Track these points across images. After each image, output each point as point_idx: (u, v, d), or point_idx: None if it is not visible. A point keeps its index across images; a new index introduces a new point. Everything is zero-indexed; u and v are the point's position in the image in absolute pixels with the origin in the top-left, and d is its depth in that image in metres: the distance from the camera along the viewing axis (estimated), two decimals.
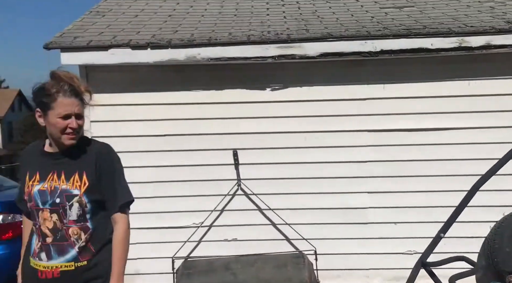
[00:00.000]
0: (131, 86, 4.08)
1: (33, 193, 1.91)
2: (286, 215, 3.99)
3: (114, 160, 2.04)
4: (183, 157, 4.08)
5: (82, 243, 1.93)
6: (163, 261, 4.02)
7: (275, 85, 4.01)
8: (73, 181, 1.92)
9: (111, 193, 1.99)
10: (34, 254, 1.94)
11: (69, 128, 1.90)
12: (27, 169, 1.98)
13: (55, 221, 1.90)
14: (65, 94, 1.88)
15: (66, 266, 1.91)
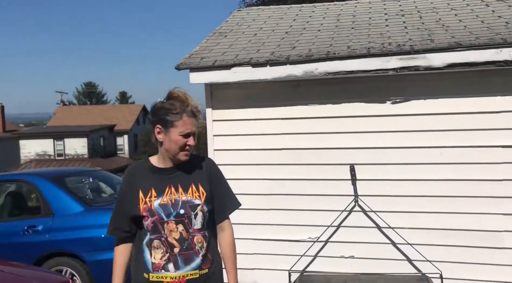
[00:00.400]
0: (249, 102, 4.25)
1: (154, 208, 2.00)
2: (408, 234, 3.79)
3: (220, 171, 2.18)
4: (300, 171, 4.11)
5: (204, 251, 2.03)
6: (280, 273, 4.07)
7: (396, 98, 3.86)
8: (192, 192, 2.03)
9: (221, 201, 2.11)
10: (157, 267, 1.99)
11: (187, 145, 2.03)
12: (138, 187, 2.04)
13: (181, 231, 1.99)
14: (188, 114, 2.01)
15: (192, 274, 2.00)
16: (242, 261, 4.19)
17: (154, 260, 2.00)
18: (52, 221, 4.67)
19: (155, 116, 2.05)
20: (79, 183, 5.68)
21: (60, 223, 4.65)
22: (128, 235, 2.09)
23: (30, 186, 5.01)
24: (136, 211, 2.02)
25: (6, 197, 5.36)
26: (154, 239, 2.01)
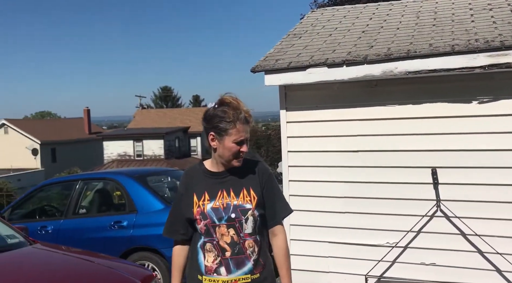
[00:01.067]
0: (324, 103, 4.21)
1: (207, 211, 2.01)
2: (497, 243, 3.54)
3: (273, 175, 2.13)
4: (377, 174, 4.00)
5: (256, 256, 2.01)
6: (356, 277, 3.99)
7: (483, 98, 3.62)
8: (243, 196, 2.02)
9: (272, 206, 2.07)
10: (209, 271, 2.00)
11: (240, 152, 2.02)
12: (193, 190, 2.06)
13: (232, 235, 1.99)
14: (241, 121, 2.00)
15: (244, 279, 1.99)
16: (317, 264, 4.20)
17: (207, 263, 2.01)
18: (136, 218, 4.95)
19: (208, 123, 2.04)
20: (158, 182, 5.98)
21: (143, 220, 4.92)
22: (185, 237, 2.11)
23: (116, 184, 5.36)
24: (190, 214, 2.04)
25: (94, 194, 5.78)
26: (206, 242, 2.02)
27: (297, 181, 4.32)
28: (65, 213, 5.38)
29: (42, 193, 6.04)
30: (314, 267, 4.21)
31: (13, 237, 3.43)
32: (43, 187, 5.87)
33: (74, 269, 3.08)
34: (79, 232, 5.08)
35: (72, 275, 2.95)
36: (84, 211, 5.60)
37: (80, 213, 5.49)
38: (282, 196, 2.16)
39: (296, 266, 4.27)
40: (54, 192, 6.66)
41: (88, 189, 5.74)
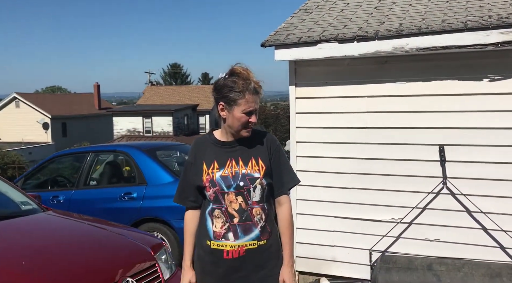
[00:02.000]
0: (334, 79, 4.21)
1: (216, 179, 2.06)
2: (502, 220, 3.57)
3: (281, 147, 2.17)
4: (384, 150, 4.02)
5: (263, 223, 2.07)
6: (360, 251, 4.06)
7: (495, 76, 3.60)
8: (252, 166, 2.07)
9: (280, 176, 2.12)
10: (218, 236, 2.05)
11: (249, 123, 2.06)
12: (202, 159, 2.11)
13: (240, 202, 2.04)
14: (250, 92, 2.02)
15: (251, 245, 2.04)
16: (322, 238, 4.27)
17: (215, 228, 2.06)
18: (145, 189, 5.05)
19: (218, 93, 2.07)
20: (168, 156, 6.05)
21: (153, 192, 5.02)
22: (195, 204, 2.16)
23: (126, 156, 5.44)
24: (199, 182, 2.09)
25: (105, 166, 5.88)
26: (215, 208, 2.07)
27: (304, 157, 4.36)
28: (77, 184, 5.50)
29: (54, 164, 6.15)
30: (319, 241, 4.29)
31: (27, 203, 3.53)
32: (55, 158, 5.97)
33: (86, 234, 3.18)
34: (90, 203, 5.20)
35: (85, 240, 3.05)
36: (94, 183, 5.72)
37: (91, 184, 5.60)
38: (289, 167, 2.20)
39: (302, 239, 4.36)
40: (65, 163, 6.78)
41: (99, 161, 5.84)
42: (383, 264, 3.69)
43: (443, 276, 3.44)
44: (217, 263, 2.07)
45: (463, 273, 3.39)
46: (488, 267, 3.42)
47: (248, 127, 2.08)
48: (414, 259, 3.70)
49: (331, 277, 4.17)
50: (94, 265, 2.65)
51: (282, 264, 2.11)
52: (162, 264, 3.02)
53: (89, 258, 2.73)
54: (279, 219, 2.16)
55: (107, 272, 2.60)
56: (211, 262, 2.09)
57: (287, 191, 2.18)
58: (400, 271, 3.59)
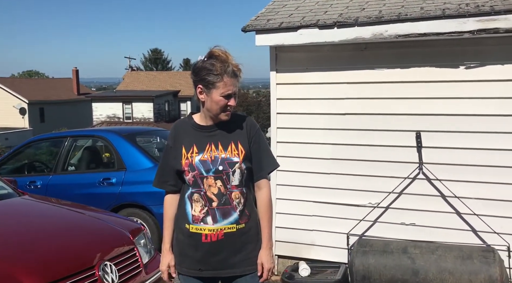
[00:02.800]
0: (314, 65, 4.22)
1: (195, 163, 2.05)
2: (474, 205, 3.67)
3: (260, 131, 2.18)
4: (363, 137, 4.07)
5: (242, 207, 2.08)
6: (338, 235, 4.13)
7: (470, 63, 3.67)
8: (231, 150, 2.07)
9: (259, 160, 2.13)
10: (196, 220, 2.05)
11: (228, 106, 2.05)
12: (181, 143, 2.10)
13: (219, 186, 2.05)
14: (229, 75, 2.01)
15: (229, 228, 2.05)
16: (300, 222, 4.33)
17: (194, 212, 2.07)
18: (124, 175, 5.01)
19: (196, 76, 2.05)
20: (148, 142, 6.01)
21: (132, 177, 4.98)
22: (174, 188, 2.16)
23: (105, 141, 5.38)
24: (179, 166, 2.08)
25: (83, 151, 5.80)
26: (194, 192, 2.07)
27: (285, 143, 4.39)
28: (54, 169, 5.42)
29: (30, 149, 6.05)
30: (298, 225, 4.35)
31: (1, 188, 3.47)
32: (32, 143, 5.87)
33: (63, 218, 3.15)
34: (68, 188, 5.14)
35: (62, 224, 3.02)
36: (73, 168, 5.65)
37: (69, 170, 5.53)
38: (269, 151, 2.20)
39: (281, 224, 4.41)
40: (42, 148, 6.67)
41: (77, 146, 5.76)
42: (359, 247, 3.77)
43: (418, 258, 3.53)
44: (195, 247, 2.08)
45: (436, 256, 3.49)
46: (461, 249, 3.52)
47: (227, 111, 2.07)
48: (390, 243, 3.78)
49: (309, 260, 4.24)
50: (71, 249, 2.63)
51: (261, 247, 2.13)
52: (141, 248, 3.02)
53: (66, 242, 2.71)
54: (258, 203, 2.17)
55: (85, 256, 2.59)
56: (189, 245, 2.10)
57: (266, 175, 2.18)
58: (376, 254, 3.67)
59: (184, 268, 2.13)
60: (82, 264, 2.50)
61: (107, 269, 2.58)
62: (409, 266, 3.53)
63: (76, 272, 2.42)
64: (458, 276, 3.38)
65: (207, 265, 2.09)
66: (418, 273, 3.50)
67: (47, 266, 2.38)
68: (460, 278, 3.37)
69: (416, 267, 3.51)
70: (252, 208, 2.16)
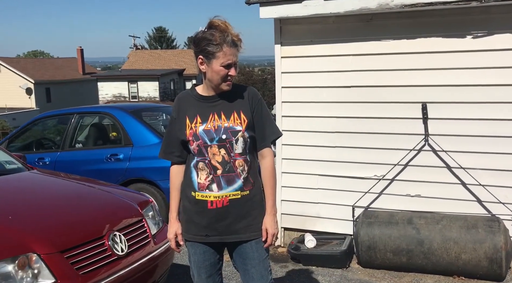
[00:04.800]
0: (319, 38, 4.18)
1: (199, 133, 2.09)
2: (479, 175, 3.68)
3: (263, 101, 2.20)
4: (369, 109, 4.06)
5: (245, 174, 2.12)
6: (343, 208, 4.17)
7: (478, 32, 3.61)
8: (234, 119, 2.10)
9: (261, 129, 2.16)
10: (202, 187, 2.10)
11: (229, 76, 2.07)
12: (185, 114, 2.14)
13: (223, 155, 2.09)
14: (228, 44, 2.02)
15: (234, 195, 2.10)
16: (306, 195, 4.37)
17: (200, 180, 2.11)
18: (131, 151, 5.05)
19: (197, 47, 2.07)
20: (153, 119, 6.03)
21: (139, 153, 5.03)
22: (180, 159, 2.20)
23: (111, 118, 5.40)
24: (183, 136, 2.12)
25: (90, 128, 5.84)
26: (199, 161, 2.11)
27: (290, 117, 4.39)
28: (62, 146, 5.48)
29: (38, 126, 6.10)
30: (304, 198, 4.39)
31: (11, 163, 3.52)
32: (39, 120, 5.91)
33: (73, 191, 3.20)
34: (76, 164, 5.20)
35: (71, 196, 3.07)
36: (80, 145, 5.70)
37: (77, 146, 5.58)
38: (271, 120, 2.22)
39: (287, 197, 4.46)
40: (50, 125, 6.72)
41: (84, 123, 5.80)
42: (365, 218, 3.81)
43: (422, 228, 3.57)
44: (201, 213, 2.13)
45: (441, 226, 3.52)
46: (465, 219, 3.55)
47: (228, 81, 2.09)
48: (395, 214, 3.82)
49: (315, 232, 4.29)
50: (81, 220, 2.68)
51: (265, 214, 2.17)
52: (149, 220, 3.07)
53: (76, 213, 2.77)
54: (262, 171, 2.20)
55: (94, 226, 2.64)
56: (196, 212, 2.14)
57: (270, 144, 2.21)
58: (381, 225, 3.71)
59: (190, 234, 2.18)
60: (92, 233, 2.55)
61: (116, 239, 2.64)
62: (414, 236, 3.57)
63: (86, 241, 2.47)
64: (463, 245, 3.42)
65: (213, 230, 2.13)
66: (423, 242, 3.54)
67: (58, 235, 2.43)
68: (464, 247, 3.41)
69: (421, 237, 3.55)
70: (256, 175, 2.19)
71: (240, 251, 2.18)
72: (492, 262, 3.33)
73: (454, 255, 3.45)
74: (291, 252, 4.07)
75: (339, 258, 3.87)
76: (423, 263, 3.57)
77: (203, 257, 2.20)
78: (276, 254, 4.31)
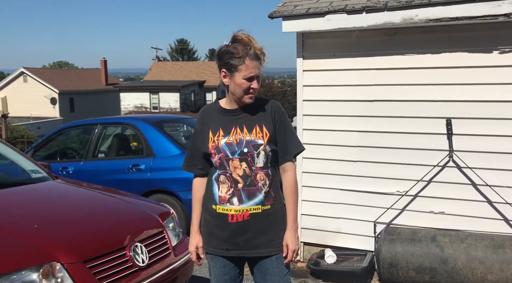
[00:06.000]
0: (342, 51, 4.17)
1: (221, 146, 2.10)
2: (506, 193, 3.59)
3: (285, 114, 2.20)
4: (392, 124, 4.01)
5: (267, 188, 2.11)
6: (365, 224, 4.11)
7: (505, 48, 3.55)
8: (256, 133, 2.10)
9: (284, 143, 2.15)
10: (223, 201, 2.10)
11: (251, 89, 2.08)
12: (208, 127, 2.16)
13: (244, 168, 2.08)
14: (251, 57, 2.04)
15: (255, 209, 2.09)
16: (327, 210, 4.32)
17: (221, 193, 2.11)
18: (153, 161, 5.11)
19: (220, 60, 2.10)
20: (175, 130, 6.09)
21: (160, 164, 5.07)
22: (202, 171, 2.22)
23: (134, 129, 5.48)
24: (206, 149, 2.14)
25: (113, 138, 5.93)
26: (221, 174, 2.11)
27: (311, 130, 4.37)
28: (85, 155, 5.57)
29: (62, 136, 6.22)
30: (324, 213, 4.34)
31: (37, 172, 3.60)
32: (63, 130, 6.03)
33: (95, 201, 3.24)
34: (98, 174, 5.27)
35: (94, 206, 3.11)
36: (103, 155, 5.78)
37: (100, 156, 5.67)
38: (294, 134, 2.22)
39: (307, 211, 4.42)
40: (74, 135, 6.85)
41: (107, 133, 5.89)
42: (387, 235, 3.74)
43: (447, 247, 3.48)
44: (222, 227, 2.12)
45: (466, 244, 3.43)
46: (492, 238, 3.45)
47: (250, 94, 2.10)
48: (418, 231, 3.74)
49: (335, 248, 4.23)
50: (103, 230, 2.71)
51: (286, 229, 2.15)
52: (170, 231, 3.08)
53: (98, 223, 2.80)
54: (284, 185, 2.19)
55: (116, 236, 2.67)
56: (216, 225, 2.14)
57: (292, 158, 2.20)
58: (403, 242, 3.63)
59: (211, 247, 2.18)
60: (114, 244, 2.57)
61: (137, 250, 2.65)
62: (438, 254, 3.49)
63: (108, 252, 2.49)
64: (489, 265, 3.32)
65: (233, 245, 2.13)
66: (447, 261, 3.45)
67: (81, 245, 2.46)
68: (491, 267, 3.31)
69: (445, 255, 3.46)
70: (278, 190, 2.18)
71: (261, 267, 2.16)
72: None
73: (479, 275, 3.35)
74: (311, 267, 4.01)
75: (360, 275, 3.80)
76: (447, 282, 3.47)
77: (223, 270, 2.19)
78: (295, 269, 4.26)
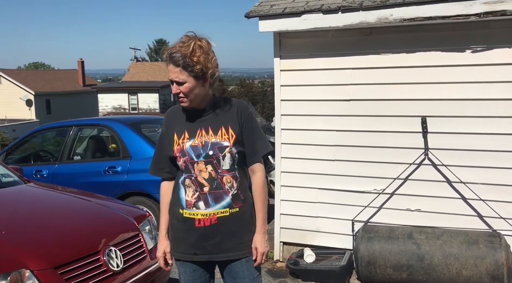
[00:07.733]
0: (318, 51, 4.18)
1: (186, 149, 2.05)
2: (480, 190, 3.65)
3: (253, 115, 2.15)
4: (368, 122, 4.04)
5: (235, 191, 2.06)
6: (343, 222, 4.13)
7: (477, 47, 3.61)
8: (221, 135, 2.05)
9: (252, 144, 2.10)
10: (189, 205, 2.04)
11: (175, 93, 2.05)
12: (173, 129, 2.11)
13: (210, 171, 2.03)
14: (167, 62, 2.03)
15: (222, 212, 2.04)
16: (305, 209, 4.33)
17: (187, 197, 2.06)
18: (130, 163, 5.02)
19: None
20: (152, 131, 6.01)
21: (137, 165, 4.99)
22: (170, 175, 2.16)
23: (110, 130, 5.38)
24: (171, 152, 2.09)
25: (89, 140, 5.82)
26: (186, 177, 2.07)
27: (289, 130, 4.37)
28: (60, 158, 5.44)
29: (36, 138, 6.07)
30: (302, 212, 4.35)
31: (7, 176, 3.49)
32: (37, 132, 5.89)
33: (68, 204, 3.17)
34: (74, 177, 5.16)
35: (67, 210, 3.04)
36: (78, 157, 5.67)
37: (75, 159, 5.55)
38: (261, 134, 2.17)
39: (286, 211, 4.41)
40: (48, 137, 6.70)
41: (82, 135, 5.78)
42: (364, 233, 3.76)
43: (423, 244, 3.52)
44: (189, 231, 2.07)
45: (442, 241, 3.48)
46: (466, 234, 3.51)
47: (179, 98, 2.06)
48: (395, 229, 3.77)
49: (314, 247, 4.24)
50: (76, 234, 2.65)
51: (255, 231, 2.11)
52: (146, 235, 3.03)
53: (71, 227, 2.73)
54: (252, 187, 2.15)
55: (90, 241, 2.61)
56: (183, 230, 2.09)
57: (261, 159, 2.16)
58: (381, 240, 3.66)
59: (179, 253, 2.13)
60: (87, 249, 2.51)
61: (112, 254, 2.60)
62: (415, 251, 3.52)
63: (81, 257, 2.43)
64: (464, 261, 3.37)
65: (201, 249, 2.08)
66: (424, 258, 3.49)
67: (52, 250, 2.39)
68: (465, 263, 3.36)
69: (421, 252, 3.50)
70: (247, 191, 2.14)
71: (230, 270, 2.12)
72: (494, 279, 3.29)
73: (455, 271, 3.40)
74: (290, 267, 4.01)
75: (339, 274, 3.81)
76: (423, 279, 3.52)
77: (193, 275, 2.13)
78: (274, 269, 4.25)
